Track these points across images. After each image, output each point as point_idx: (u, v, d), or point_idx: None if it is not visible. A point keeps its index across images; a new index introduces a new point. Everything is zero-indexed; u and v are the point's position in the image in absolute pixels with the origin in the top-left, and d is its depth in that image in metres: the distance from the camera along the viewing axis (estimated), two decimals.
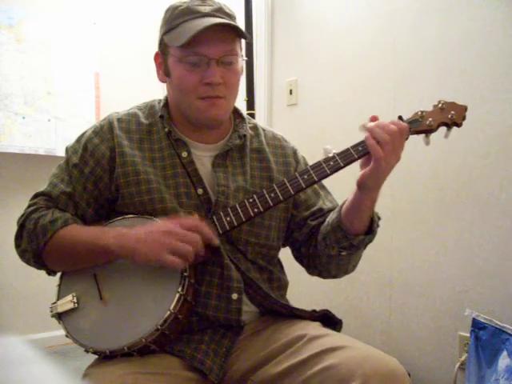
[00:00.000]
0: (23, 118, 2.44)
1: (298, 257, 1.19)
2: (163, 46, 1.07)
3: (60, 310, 0.99)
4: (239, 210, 1.00)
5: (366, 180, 0.95)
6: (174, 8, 1.04)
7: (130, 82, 2.73)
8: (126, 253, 0.96)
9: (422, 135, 1.02)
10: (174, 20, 1.03)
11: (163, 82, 1.11)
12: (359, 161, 0.98)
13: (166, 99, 1.14)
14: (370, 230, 1.02)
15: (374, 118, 0.98)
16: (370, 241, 1.04)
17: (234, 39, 1.04)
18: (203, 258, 0.98)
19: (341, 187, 1.34)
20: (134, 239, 0.95)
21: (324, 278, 1.17)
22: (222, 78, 1.02)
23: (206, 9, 1.02)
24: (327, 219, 1.09)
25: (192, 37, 0.97)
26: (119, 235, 0.97)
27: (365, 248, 1.06)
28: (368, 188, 0.96)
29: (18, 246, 1.07)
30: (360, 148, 0.97)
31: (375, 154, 0.93)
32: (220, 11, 1.03)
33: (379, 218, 1.06)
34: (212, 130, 1.11)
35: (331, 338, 0.96)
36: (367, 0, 2.11)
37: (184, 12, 1.02)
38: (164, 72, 1.08)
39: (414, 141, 1.04)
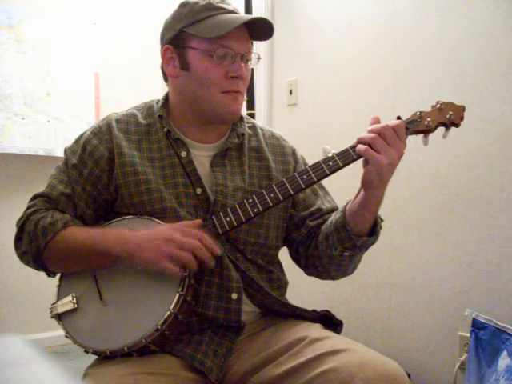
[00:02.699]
0: (23, 118, 2.44)
1: (296, 257, 1.19)
2: (181, 39, 1.05)
3: (60, 310, 0.99)
4: (239, 211, 1.00)
5: (369, 177, 0.94)
6: (194, 3, 1.05)
7: (129, 82, 2.73)
8: (126, 258, 0.96)
9: (421, 135, 1.02)
10: (197, 14, 1.03)
11: (174, 76, 1.09)
12: (362, 160, 0.98)
13: (165, 99, 1.14)
14: (373, 232, 1.02)
15: (375, 120, 0.98)
16: (373, 242, 1.04)
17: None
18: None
19: (341, 188, 1.34)
20: (135, 245, 0.94)
21: (322, 279, 1.17)
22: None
23: (229, 6, 1.06)
24: (330, 219, 1.08)
25: (232, 28, 0.99)
26: (120, 239, 0.96)
27: (366, 250, 1.06)
28: (372, 186, 0.95)
29: (17, 247, 1.07)
30: None
31: (366, 153, 0.93)
32: (237, 10, 1.08)
33: (382, 220, 1.06)
34: (221, 126, 1.12)
35: (332, 340, 0.96)
36: (367, 0, 2.11)
37: (207, 7, 1.03)
38: (180, 66, 1.06)
39: (414, 141, 1.04)
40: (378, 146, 0.92)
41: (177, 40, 1.06)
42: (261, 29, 1.07)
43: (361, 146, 0.93)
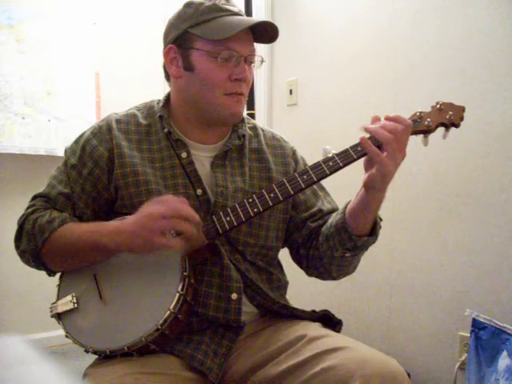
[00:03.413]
0: (23, 118, 2.44)
1: (297, 258, 1.19)
2: (185, 40, 1.05)
3: (60, 310, 0.99)
4: (239, 210, 1.00)
5: (373, 181, 0.94)
6: (199, 4, 1.04)
7: (130, 82, 2.73)
8: (123, 249, 0.96)
9: (421, 136, 1.02)
10: (202, 15, 1.03)
11: (177, 77, 1.08)
12: (363, 161, 0.98)
13: (165, 99, 1.14)
14: (373, 232, 1.02)
15: (376, 119, 0.98)
16: (374, 242, 1.04)
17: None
18: (202, 252, 0.98)
19: (342, 188, 1.34)
20: (129, 234, 0.93)
21: (323, 279, 1.17)
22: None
23: (234, 8, 1.06)
24: (330, 220, 1.08)
25: (239, 30, 0.99)
26: (114, 232, 0.96)
27: (366, 249, 1.06)
28: (375, 189, 0.95)
29: (17, 246, 1.07)
30: (359, 148, 0.96)
31: (377, 159, 0.92)
32: (242, 12, 1.08)
33: (381, 220, 1.06)
34: (223, 127, 1.12)
35: (331, 338, 0.96)
36: (367, 0, 2.11)
37: (212, 8, 1.03)
38: (184, 66, 1.06)
39: (415, 142, 1.04)
40: (390, 151, 0.92)
41: (181, 40, 1.06)
42: (265, 32, 1.07)
43: (374, 150, 0.92)
